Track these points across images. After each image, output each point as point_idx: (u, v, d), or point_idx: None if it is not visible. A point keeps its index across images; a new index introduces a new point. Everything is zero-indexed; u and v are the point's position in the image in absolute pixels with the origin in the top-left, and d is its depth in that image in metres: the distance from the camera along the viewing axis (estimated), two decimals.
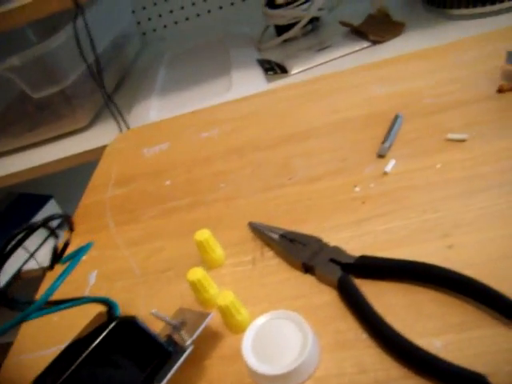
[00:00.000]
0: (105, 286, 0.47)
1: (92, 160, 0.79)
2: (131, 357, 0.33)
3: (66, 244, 0.34)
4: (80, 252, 0.31)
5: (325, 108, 0.61)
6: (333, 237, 0.41)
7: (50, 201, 1.13)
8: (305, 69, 0.81)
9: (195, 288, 0.38)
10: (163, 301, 0.43)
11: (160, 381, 0.32)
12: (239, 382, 0.34)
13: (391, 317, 0.33)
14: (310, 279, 0.39)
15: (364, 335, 0.33)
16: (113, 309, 0.34)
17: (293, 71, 0.81)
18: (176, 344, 0.35)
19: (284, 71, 0.82)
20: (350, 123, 0.56)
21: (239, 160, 0.57)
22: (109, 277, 0.48)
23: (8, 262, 0.35)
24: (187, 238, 0.45)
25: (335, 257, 0.38)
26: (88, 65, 0.77)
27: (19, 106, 0.92)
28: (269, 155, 0.56)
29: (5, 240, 0.30)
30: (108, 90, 0.98)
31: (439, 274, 0.34)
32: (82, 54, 0.75)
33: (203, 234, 0.42)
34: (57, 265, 0.32)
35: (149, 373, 0.33)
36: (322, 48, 0.86)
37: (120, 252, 0.51)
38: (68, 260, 0.31)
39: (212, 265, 0.44)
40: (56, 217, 0.32)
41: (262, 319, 0.34)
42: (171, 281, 0.45)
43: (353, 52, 0.81)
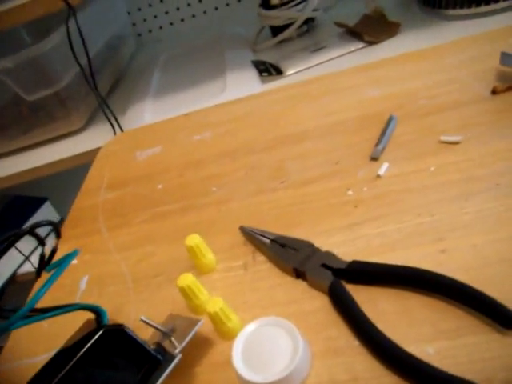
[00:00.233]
0: (96, 291, 0.47)
1: (87, 162, 0.78)
2: (120, 365, 0.33)
3: (54, 251, 0.33)
4: (66, 259, 0.31)
5: (319, 110, 0.61)
6: (325, 241, 0.41)
7: (46, 203, 1.13)
8: (300, 70, 0.81)
9: (185, 294, 0.38)
10: (154, 306, 0.43)
11: None
12: None
13: (383, 323, 0.33)
14: (302, 284, 0.38)
15: (356, 342, 0.33)
16: (101, 316, 0.33)
17: (288, 72, 0.81)
18: (165, 351, 0.34)
19: (279, 72, 0.81)
20: (344, 125, 0.56)
21: (232, 163, 0.57)
22: (100, 282, 0.48)
23: (3, 266, 0.35)
24: (179, 243, 0.45)
25: (327, 262, 0.37)
26: (81, 67, 0.77)
27: (13, 109, 0.91)
28: (262, 158, 0.56)
29: None
30: (103, 92, 0.98)
31: (432, 280, 0.34)
32: (75, 57, 0.74)
33: (193, 239, 0.41)
34: (44, 272, 0.32)
35: (138, 381, 0.32)
36: (317, 49, 0.85)
37: (111, 256, 0.50)
38: (54, 268, 0.31)
39: (203, 270, 0.43)
40: (43, 223, 0.31)
41: (252, 326, 0.33)
42: (162, 286, 0.44)
43: (348, 53, 0.81)
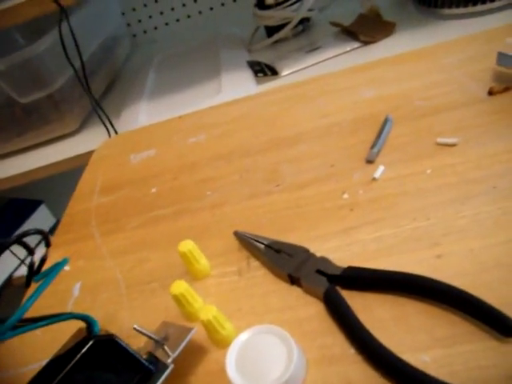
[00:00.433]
0: (89, 298, 0.46)
1: (82, 165, 0.77)
2: (112, 375, 0.32)
3: (43, 259, 0.32)
4: (55, 269, 0.30)
5: (314, 111, 0.60)
6: (320, 246, 0.40)
7: (41, 206, 1.12)
8: (295, 70, 0.80)
9: (178, 302, 0.37)
10: (148, 313, 0.42)
11: None
12: None
13: (379, 330, 0.32)
14: (297, 291, 0.38)
15: (351, 350, 0.32)
16: (92, 326, 0.33)
17: (283, 73, 0.80)
18: (158, 361, 0.34)
19: (274, 73, 0.81)
20: (340, 127, 0.55)
21: (227, 166, 0.56)
22: (93, 288, 0.47)
23: None
24: (172, 248, 0.44)
25: (322, 268, 0.37)
26: (75, 69, 0.76)
27: (7, 111, 0.91)
28: (257, 161, 0.55)
29: None
30: (97, 93, 0.97)
31: (428, 286, 0.33)
32: (68, 59, 0.74)
33: (187, 245, 0.41)
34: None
35: None
36: (313, 49, 0.85)
37: (105, 262, 0.49)
38: (42, 277, 0.30)
39: (197, 276, 0.42)
40: (31, 232, 0.30)
41: (246, 335, 0.33)
42: (156, 292, 0.44)
43: (344, 53, 0.80)
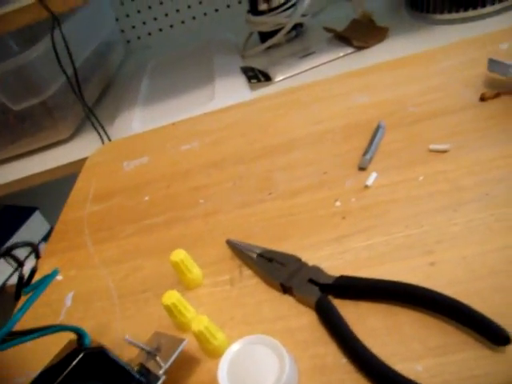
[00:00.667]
0: (81, 308, 0.46)
1: (76, 172, 0.77)
2: None
3: (33, 271, 0.32)
4: (44, 281, 0.30)
5: (307, 118, 0.60)
6: (312, 255, 0.40)
7: (35, 213, 1.12)
8: (289, 76, 0.80)
9: (170, 312, 0.37)
10: (140, 323, 0.42)
11: None
12: None
13: (371, 340, 0.32)
14: (289, 300, 0.38)
15: (343, 360, 0.32)
16: (82, 338, 0.32)
17: (276, 78, 0.80)
18: (149, 372, 0.34)
19: (268, 79, 0.81)
20: (333, 133, 0.55)
21: (220, 173, 0.56)
22: (86, 298, 0.47)
23: None
24: (166, 256, 0.44)
25: (314, 277, 0.37)
26: (67, 77, 0.76)
27: (0, 118, 0.90)
28: (250, 168, 0.55)
29: None
30: (91, 100, 0.97)
31: (421, 295, 0.33)
32: (61, 66, 0.73)
33: (178, 255, 0.40)
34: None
35: None
36: (306, 54, 0.85)
37: (98, 271, 0.49)
38: (32, 290, 0.30)
39: (189, 285, 0.42)
40: (20, 245, 0.30)
41: (237, 346, 0.33)
42: (149, 302, 0.43)
43: (337, 58, 0.80)
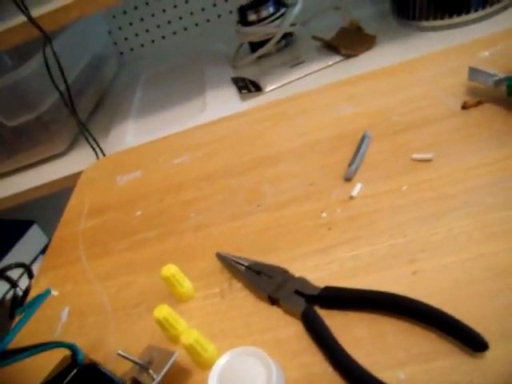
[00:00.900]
0: (76, 323, 0.47)
1: (72, 185, 0.78)
2: None
3: (26, 291, 0.33)
4: (37, 301, 0.31)
5: (295, 130, 0.61)
6: (299, 266, 0.41)
7: (33, 226, 1.13)
8: (279, 86, 0.82)
9: (162, 326, 0.38)
10: (134, 337, 0.43)
11: None
12: None
13: (356, 349, 0.33)
14: (277, 311, 0.39)
15: (330, 369, 0.33)
16: (76, 354, 0.33)
17: (267, 89, 0.82)
18: None
19: (258, 89, 0.82)
20: (319, 145, 0.56)
21: (210, 187, 0.57)
22: (81, 313, 0.48)
23: None
24: (158, 271, 0.45)
25: (300, 288, 0.38)
26: (61, 93, 0.77)
27: None
28: (239, 181, 0.56)
29: None
30: (85, 113, 0.98)
31: (404, 305, 0.34)
32: (54, 83, 0.75)
33: (169, 270, 0.41)
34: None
35: None
36: (296, 64, 0.86)
37: (92, 286, 0.50)
38: (24, 310, 0.31)
39: (181, 299, 0.43)
40: (12, 266, 0.31)
41: (225, 358, 0.34)
42: (142, 316, 0.44)
43: (326, 67, 0.82)
